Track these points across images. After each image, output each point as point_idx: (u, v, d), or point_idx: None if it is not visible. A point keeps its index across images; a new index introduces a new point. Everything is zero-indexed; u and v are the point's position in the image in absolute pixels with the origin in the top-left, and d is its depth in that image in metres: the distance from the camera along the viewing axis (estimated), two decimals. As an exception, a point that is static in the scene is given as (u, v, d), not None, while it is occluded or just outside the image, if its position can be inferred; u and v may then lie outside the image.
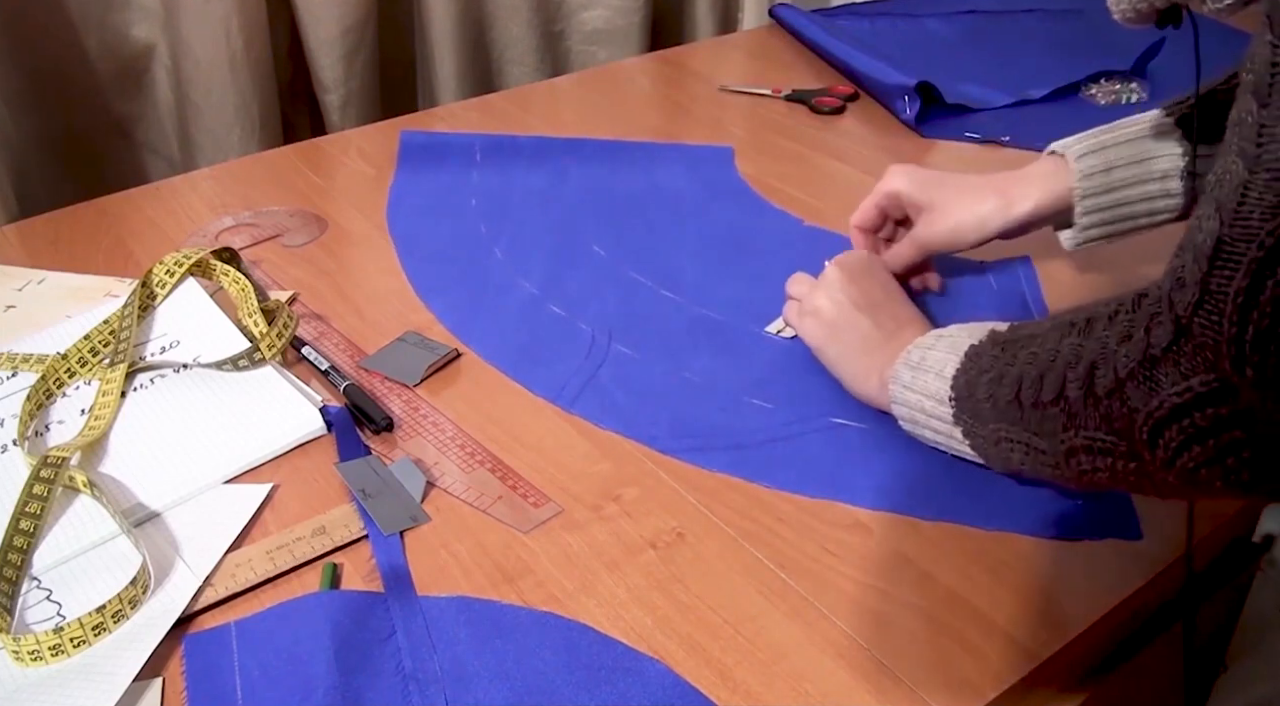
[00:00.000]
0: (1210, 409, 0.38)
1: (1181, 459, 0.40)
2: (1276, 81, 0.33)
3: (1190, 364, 0.38)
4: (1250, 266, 0.34)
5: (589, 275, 0.76)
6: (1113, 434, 0.43)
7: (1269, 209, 0.33)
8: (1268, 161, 0.33)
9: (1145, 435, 0.40)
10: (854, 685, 0.47)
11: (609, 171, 0.90)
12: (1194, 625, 0.52)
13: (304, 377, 0.67)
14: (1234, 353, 0.35)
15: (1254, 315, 0.34)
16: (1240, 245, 0.34)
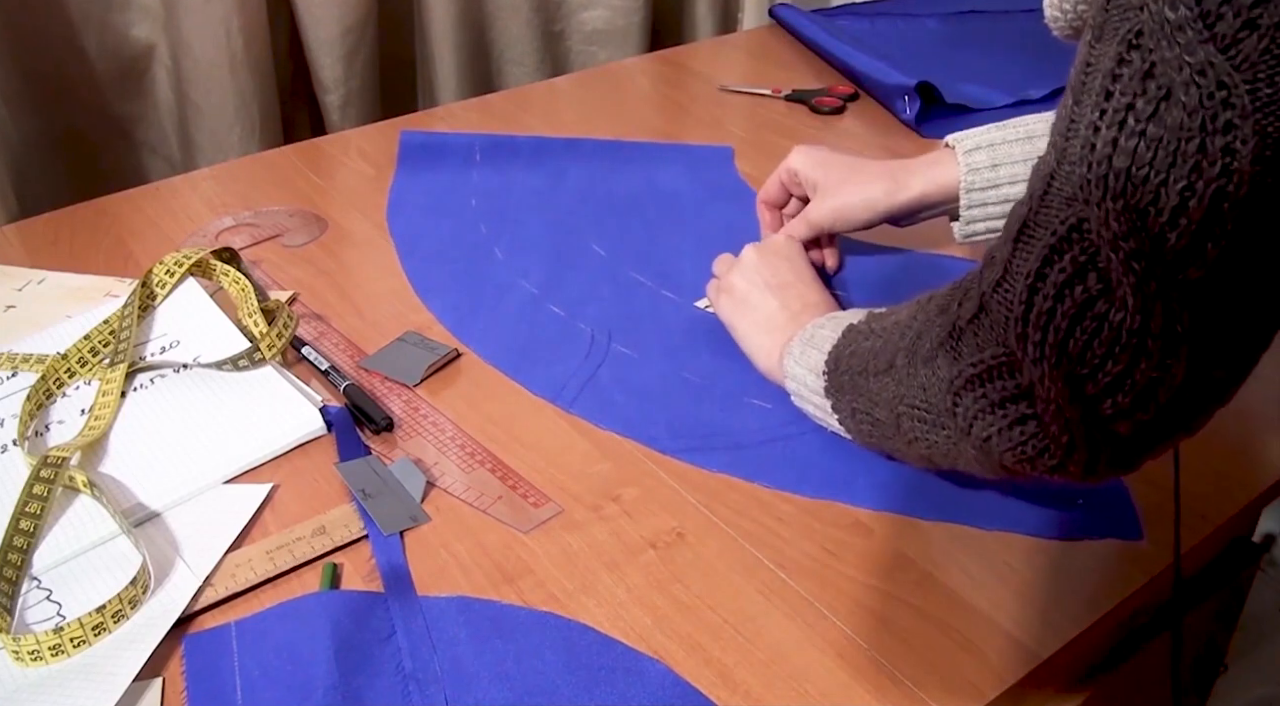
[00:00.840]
0: (1000, 381, 0.40)
1: (976, 428, 0.42)
2: (1088, 80, 0.34)
3: (986, 337, 0.40)
4: (1043, 251, 0.36)
5: (588, 275, 0.76)
6: (926, 401, 0.45)
7: (1066, 199, 0.35)
8: (1071, 155, 0.35)
9: (949, 402, 0.43)
10: (854, 685, 0.47)
11: (609, 171, 0.90)
12: (1181, 636, 0.52)
13: (304, 377, 0.67)
14: (1019, 330, 0.38)
15: (1038, 298, 0.37)
16: (1040, 231, 0.37)
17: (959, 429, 0.43)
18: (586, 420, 0.63)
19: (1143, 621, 0.56)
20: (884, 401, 0.49)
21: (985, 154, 0.66)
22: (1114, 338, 0.36)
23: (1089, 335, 0.36)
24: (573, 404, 0.64)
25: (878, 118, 1.02)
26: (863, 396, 0.52)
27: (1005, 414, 0.41)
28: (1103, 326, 0.36)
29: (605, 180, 0.89)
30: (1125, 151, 0.33)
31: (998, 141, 0.66)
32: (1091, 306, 0.36)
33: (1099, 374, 0.37)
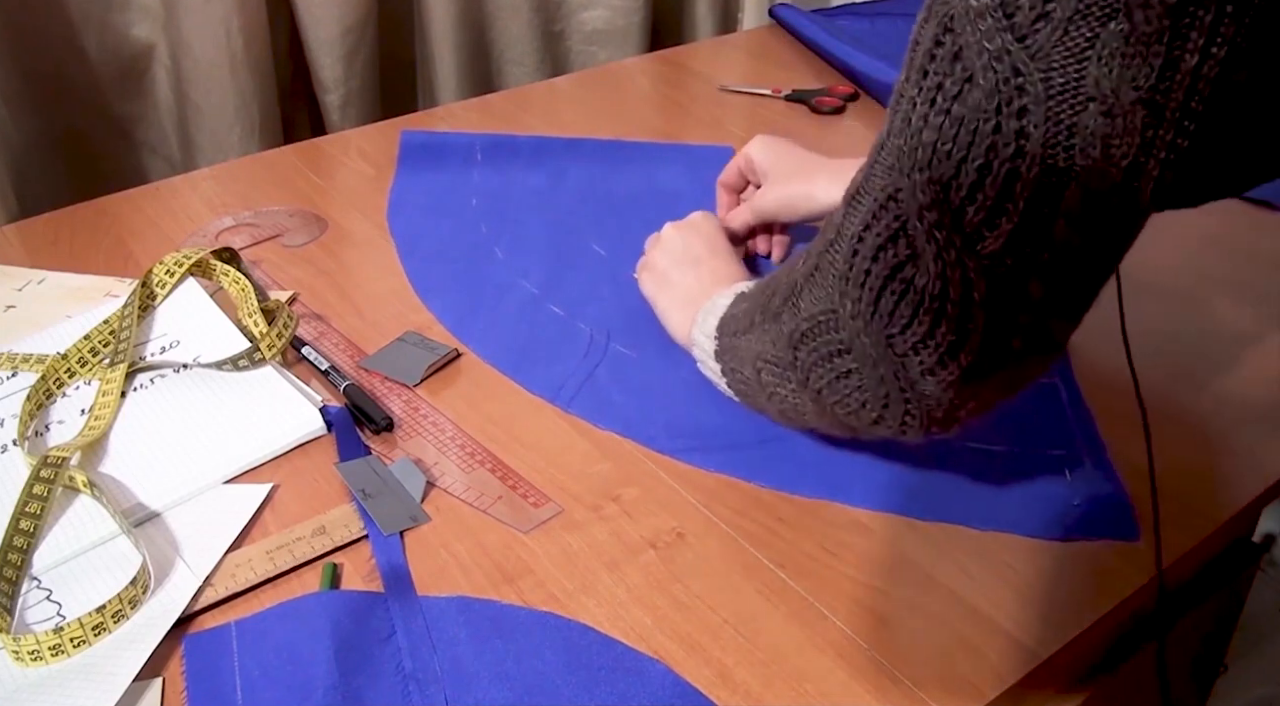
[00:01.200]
0: (827, 335, 0.44)
1: (811, 379, 0.46)
2: (914, 58, 0.36)
3: (818, 294, 0.44)
4: (866, 216, 0.39)
5: (588, 275, 0.76)
6: (776, 355, 0.48)
7: (887, 168, 0.38)
8: (895, 126, 0.37)
9: (790, 355, 0.46)
10: (854, 685, 0.47)
11: (609, 171, 0.90)
12: (1164, 647, 0.52)
13: (304, 378, 0.67)
14: (841, 288, 0.41)
15: (857, 259, 0.40)
16: (865, 197, 0.39)
17: (799, 380, 0.47)
18: (585, 420, 0.63)
19: (1143, 621, 0.56)
20: (748, 358, 0.52)
21: None
22: (919, 300, 0.39)
23: (897, 296, 0.39)
24: (571, 403, 0.64)
25: (878, 118, 1.02)
26: (735, 355, 0.54)
27: (833, 367, 0.44)
28: (909, 289, 0.39)
29: (605, 180, 0.89)
30: (933, 127, 0.35)
31: None
32: (901, 269, 0.39)
33: (906, 333, 0.40)
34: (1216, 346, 0.68)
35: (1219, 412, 0.63)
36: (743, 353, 0.53)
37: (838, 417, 0.47)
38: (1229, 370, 0.66)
